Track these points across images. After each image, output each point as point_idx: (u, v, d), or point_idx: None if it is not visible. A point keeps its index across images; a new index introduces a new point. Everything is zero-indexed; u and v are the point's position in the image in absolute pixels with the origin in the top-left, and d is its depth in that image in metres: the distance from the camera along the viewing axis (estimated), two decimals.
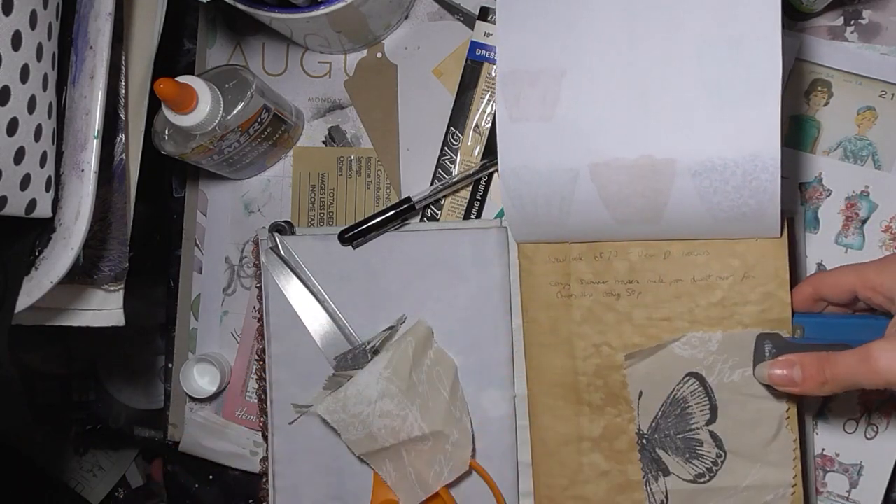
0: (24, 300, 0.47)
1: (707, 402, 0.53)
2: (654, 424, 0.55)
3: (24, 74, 0.43)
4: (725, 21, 0.48)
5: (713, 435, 0.54)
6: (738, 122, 0.47)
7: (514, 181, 0.52)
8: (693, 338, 0.53)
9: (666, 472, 0.55)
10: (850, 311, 0.51)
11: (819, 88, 0.59)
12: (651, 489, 0.55)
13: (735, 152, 0.48)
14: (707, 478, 0.54)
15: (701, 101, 0.48)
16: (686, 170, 0.48)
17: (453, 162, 0.62)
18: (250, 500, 0.69)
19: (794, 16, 0.59)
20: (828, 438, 0.58)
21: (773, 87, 0.47)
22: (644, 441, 0.55)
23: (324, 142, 0.66)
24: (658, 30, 0.49)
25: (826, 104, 0.59)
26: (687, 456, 0.54)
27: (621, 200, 0.50)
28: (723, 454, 0.54)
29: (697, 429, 0.54)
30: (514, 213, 0.53)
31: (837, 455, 0.58)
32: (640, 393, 0.54)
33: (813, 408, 0.58)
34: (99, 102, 0.46)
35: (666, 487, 0.55)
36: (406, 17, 0.65)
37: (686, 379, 0.53)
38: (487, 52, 0.61)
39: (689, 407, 0.54)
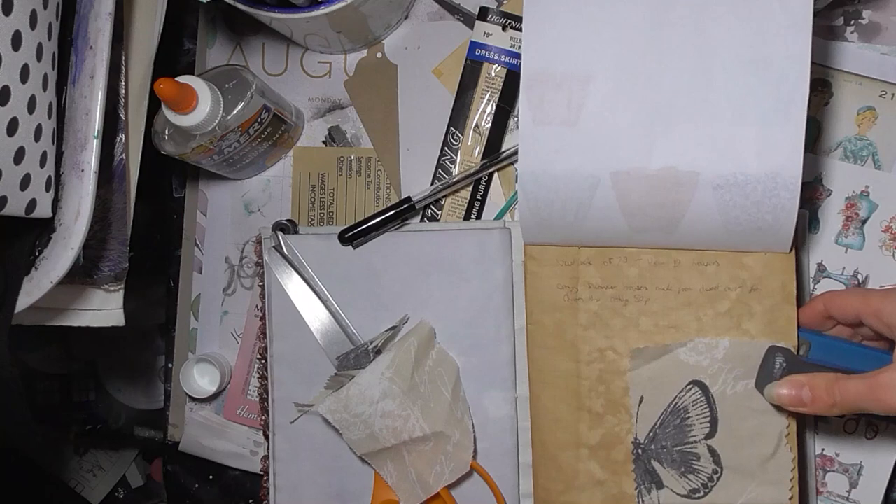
0: (24, 300, 0.47)
1: (708, 414, 0.53)
2: (651, 434, 0.54)
3: (24, 74, 0.43)
4: (755, 39, 0.48)
5: (711, 450, 0.53)
6: (762, 139, 0.48)
7: (532, 184, 0.52)
8: (700, 343, 0.52)
9: (660, 485, 0.54)
10: (855, 332, 0.52)
11: (819, 88, 0.59)
12: (643, 501, 0.55)
13: (757, 169, 0.48)
14: (701, 493, 0.53)
15: (726, 116, 0.48)
16: (708, 183, 0.49)
17: (453, 162, 0.62)
18: (250, 500, 0.69)
19: None
20: (828, 438, 0.58)
21: (799, 107, 0.47)
22: (640, 451, 0.55)
23: (324, 142, 0.66)
24: (686, 42, 0.49)
25: (826, 104, 0.59)
26: (682, 470, 0.54)
27: (640, 209, 0.50)
28: (719, 470, 0.53)
29: (696, 442, 0.53)
30: (529, 215, 0.53)
31: (837, 455, 0.58)
32: (641, 398, 0.54)
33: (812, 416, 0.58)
34: (99, 102, 0.46)
35: (659, 501, 0.54)
36: (406, 17, 0.65)
37: (689, 387, 0.53)
38: (487, 52, 0.61)
39: (689, 418, 0.53)
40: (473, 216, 0.62)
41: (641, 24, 0.49)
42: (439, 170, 0.62)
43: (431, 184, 0.62)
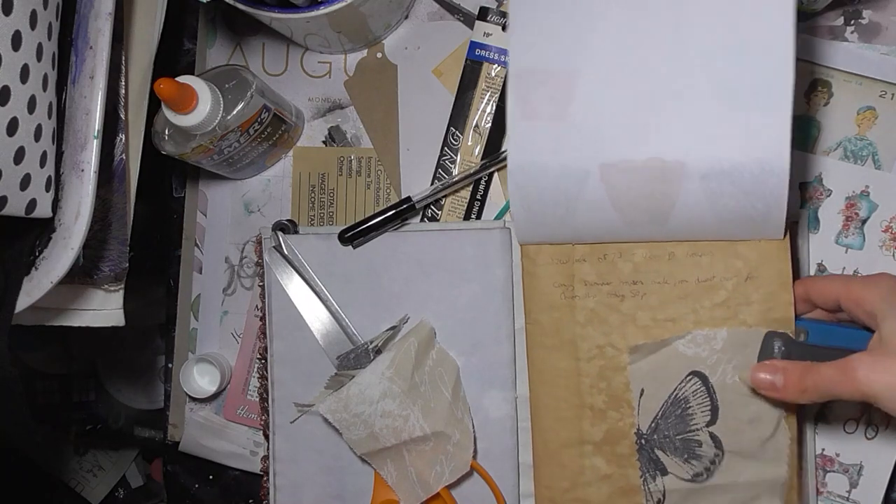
0: (24, 300, 0.47)
1: (708, 403, 0.53)
2: (653, 425, 0.55)
3: (24, 74, 0.43)
4: (737, 25, 0.48)
5: (713, 436, 0.54)
6: (748, 125, 0.48)
7: (523, 179, 0.51)
8: (698, 335, 0.53)
9: (664, 472, 0.55)
10: (833, 317, 0.52)
11: (819, 88, 0.59)
12: (648, 488, 0.55)
13: (744, 156, 0.48)
14: (704, 476, 0.54)
15: (711, 104, 0.48)
16: (695, 172, 0.49)
17: (453, 162, 0.62)
18: (250, 500, 0.69)
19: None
20: (828, 438, 0.58)
21: (785, 91, 0.47)
22: (643, 441, 0.55)
23: (324, 142, 0.66)
24: (669, 32, 0.49)
25: (826, 104, 0.59)
26: (686, 456, 0.54)
27: (629, 202, 0.50)
28: (721, 453, 0.54)
29: (697, 430, 0.54)
30: (521, 211, 0.53)
31: (837, 455, 0.58)
32: (642, 391, 0.54)
33: (813, 408, 0.58)
34: (99, 102, 0.46)
35: (663, 487, 0.55)
36: (406, 17, 0.65)
37: (688, 378, 0.53)
38: (487, 52, 0.61)
39: (689, 407, 0.54)
40: (473, 216, 0.62)
41: (625, 15, 0.49)
42: (439, 170, 0.62)
43: (431, 184, 0.62)
